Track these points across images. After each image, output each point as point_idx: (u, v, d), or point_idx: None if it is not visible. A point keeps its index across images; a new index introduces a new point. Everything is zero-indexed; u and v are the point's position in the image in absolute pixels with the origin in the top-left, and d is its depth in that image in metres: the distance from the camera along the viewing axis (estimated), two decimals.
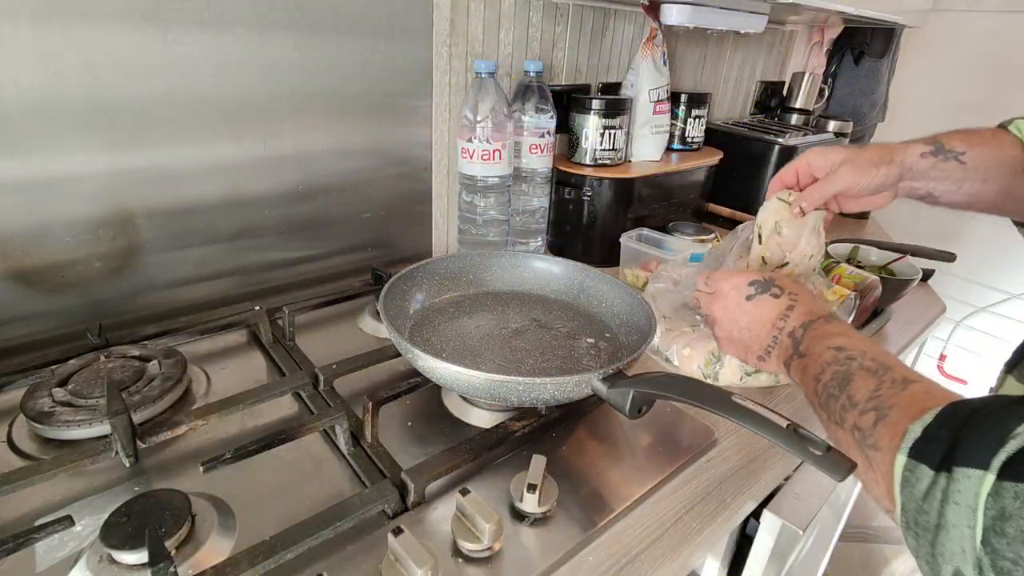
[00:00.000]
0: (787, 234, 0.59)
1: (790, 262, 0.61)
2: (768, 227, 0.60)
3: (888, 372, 0.40)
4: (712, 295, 0.57)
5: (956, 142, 0.51)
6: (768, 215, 0.60)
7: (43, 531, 0.40)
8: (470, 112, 0.82)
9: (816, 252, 0.61)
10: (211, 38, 0.66)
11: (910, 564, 1.66)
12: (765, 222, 0.60)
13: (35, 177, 0.60)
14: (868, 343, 0.45)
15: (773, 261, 0.61)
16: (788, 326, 0.49)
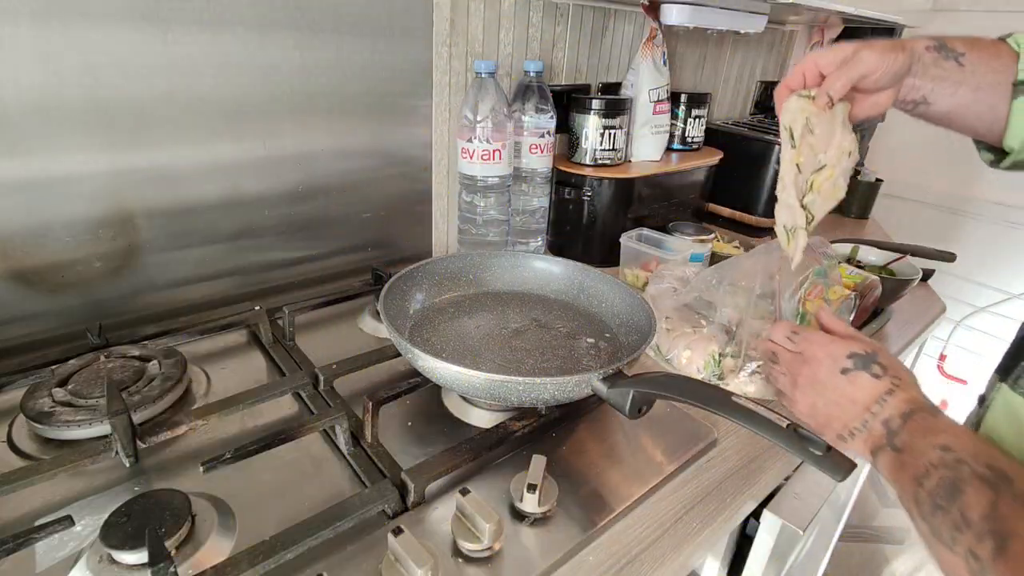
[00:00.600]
0: (819, 132, 0.54)
1: (826, 163, 0.55)
2: (799, 126, 0.54)
3: (1008, 485, 0.34)
4: (799, 356, 0.51)
5: (958, 43, 0.51)
6: (795, 114, 0.54)
7: (43, 531, 0.40)
8: (470, 112, 0.82)
9: (853, 148, 0.55)
10: (211, 38, 0.66)
11: (910, 564, 1.66)
12: (793, 121, 0.54)
13: (35, 177, 0.60)
14: (979, 442, 0.39)
15: (808, 167, 0.55)
16: (884, 412, 0.44)
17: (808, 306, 0.72)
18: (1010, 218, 1.90)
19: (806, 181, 0.55)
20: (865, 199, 1.41)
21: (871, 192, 1.40)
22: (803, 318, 0.72)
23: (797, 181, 0.54)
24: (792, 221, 0.56)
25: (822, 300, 0.72)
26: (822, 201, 0.56)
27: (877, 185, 1.40)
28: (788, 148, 0.55)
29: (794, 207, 0.55)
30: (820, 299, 0.72)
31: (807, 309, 0.72)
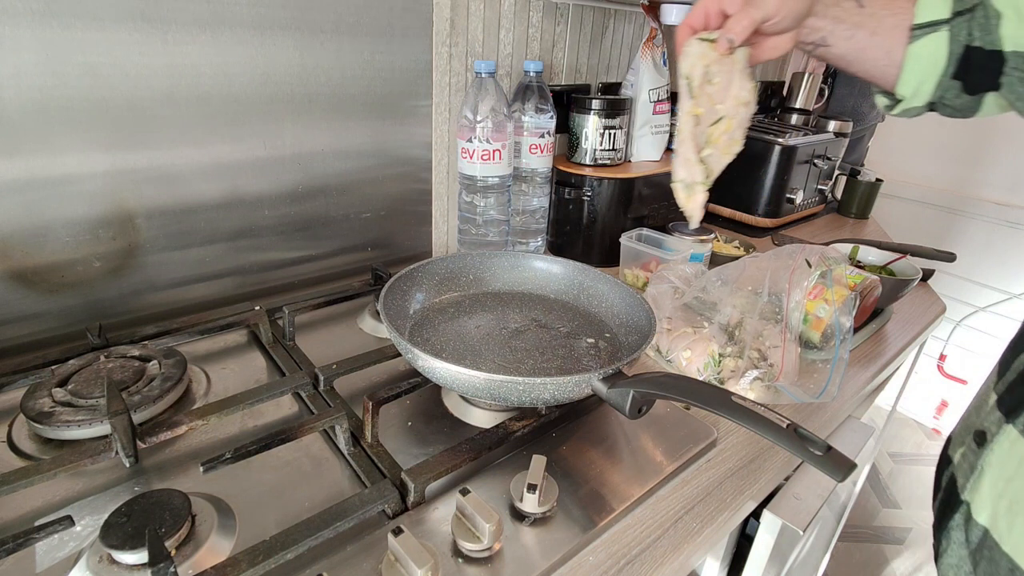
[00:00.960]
0: (719, 80, 0.52)
1: (724, 115, 0.53)
2: (698, 75, 0.51)
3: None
4: None
5: None
6: (694, 61, 0.51)
7: (43, 531, 0.40)
8: (470, 112, 0.82)
9: (751, 97, 0.54)
10: (211, 38, 0.66)
11: (910, 564, 1.66)
12: (692, 70, 0.51)
13: (35, 177, 0.60)
14: None
15: (707, 118, 0.53)
16: None
17: (809, 306, 0.73)
18: (1010, 218, 1.90)
19: (704, 134, 0.53)
20: (865, 199, 1.41)
21: (871, 192, 1.40)
22: (805, 319, 0.72)
23: (695, 134, 0.52)
24: (690, 176, 0.54)
25: (823, 300, 0.72)
26: (720, 155, 0.54)
27: (877, 185, 1.40)
28: (687, 98, 0.52)
29: (692, 161, 0.53)
30: (820, 299, 0.72)
31: (808, 309, 0.73)
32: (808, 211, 1.36)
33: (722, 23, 0.51)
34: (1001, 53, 0.44)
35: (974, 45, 0.45)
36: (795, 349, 0.68)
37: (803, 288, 0.71)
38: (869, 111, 1.65)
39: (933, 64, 0.48)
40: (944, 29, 0.46)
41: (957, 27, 0.46)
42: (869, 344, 0.84)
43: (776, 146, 1.20)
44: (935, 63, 0.47)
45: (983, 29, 0.45)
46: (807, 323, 0.73)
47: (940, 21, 0.46)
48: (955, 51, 0.46)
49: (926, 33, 0.47)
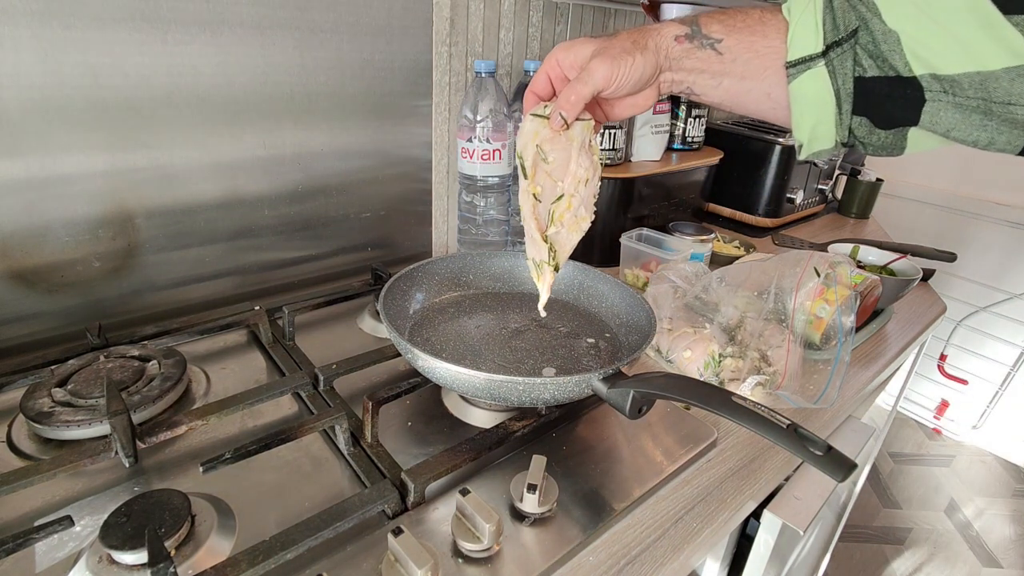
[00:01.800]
0: (554, 158, 0.48)
1: (564, 192, 0.49)
2: (530, 154, 0.48)
3: None
4: None
5: (716, 25, 0.43)
6: (527, 139, 0.48)
7: (43, 531, 0.40)
8: (470, 112, 0.82)
9: (592, 174, 0.50)
10: (211, 38, 0.65)
11: (910, 564, 1.66)
12: (525, 148, 0.48)
13: (35, 177, 0.60)
14: None
15: (547, 196, 0.49)
16: None
17: (810, 306, 0.72)
18: (1011, 218, 1.90)
19: (547, 211, 0.50)
20: (865, 199, 1.41)
21: (871, 192, 1.40)
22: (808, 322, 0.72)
23: (536, 212, 0.49)
24: (537, 255, 0.51)
25: (823, 300, 0.72)
26: (567, 232, 0.50)
27: (877, 185, 1.40)
28: (522, 177, 0.49)
29: (536, 240, 0.50)
30: (821, 299, 0.72)
31: (809, 310, 0.72)
32: (808, 211, 1.36)
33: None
34: (914, 79, 0.37)
35: (867, 76, 0.39)
36: (799, 356, 0.68)
37: (809, 293, 0.71)
38: None
39: (821, 104, 0.41)
40: (819, 64, 0.40)
41: (836, 60, 0.39)
42: (869, 344, 0.84)
43: (776, 146, 1.20)
44: (823, 103, 0.40)
45: (874, 56, 0.38)
46: (808, 323, 0.73)
47: (812, 56, 0.40)
48: (842, 86, 0.40)
49: (801, 71, 0.40)
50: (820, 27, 0.39)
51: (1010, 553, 1.71)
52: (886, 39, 0.37)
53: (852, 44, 0.39)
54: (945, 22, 0.35)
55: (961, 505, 1.89)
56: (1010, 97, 0.35)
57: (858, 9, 0.38)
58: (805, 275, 0.73)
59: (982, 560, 1.68)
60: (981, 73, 0.35)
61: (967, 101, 0.36)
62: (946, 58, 0.36)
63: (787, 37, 0.41)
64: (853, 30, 0.38)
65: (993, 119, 0.36)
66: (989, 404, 2.08)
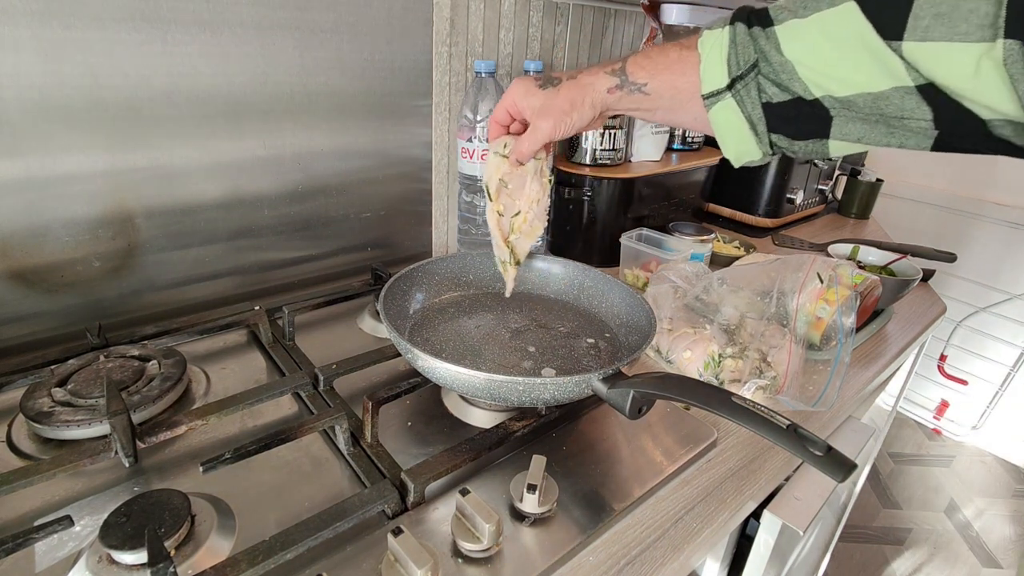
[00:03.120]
0: (513, 185, 0.61)
1: (520, 210, 0.63)
2: (493, 185, 0.61)
3: None
4: None
5: (640, 72, 0.48)
6: (491, 172, 0.60)
7: (42, 531, 0.40)
8: (470, 112, 0.82)
9: (542, 196, 0.63)
10: (211, 38, 0.65)
11: (910, 564, 1.66)
12: (490, 179, 0.61)
13: (35, 177, 0.60)
14: None
15: (508, 211, 0.63)
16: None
17: (810, 307, 0.72)
18: (1011, 218, 1.90)
19: (508, 223, 0.63)
20: (865, 199, 1.41)
21: (871, 192, 1.40)
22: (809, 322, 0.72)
23: (500, 224, 0.63)
24: (502, 256, 0.65)
25: (823, 300, 0.72)
26: (524, 239, 0.65)
27: (877, 185, 1.40)
28: (488, 199, 0.62)
29: (500, 245, 0.64)
30: (821, 299, 0.72)
31: (809, 311, 0.72)
32: (808, 211, 1.36)
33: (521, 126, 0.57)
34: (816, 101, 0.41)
35: (774, 102, 0.43)
36: (800, 361, 0.68)
37: (810, 296, 0.72)
38: None
39: (737, 127, 0.45)
40: (728, 97, 0.44)
41: (742, 91, 0.44)
42: (870, 344, 0.84)
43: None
44: (738, 126, 0.45)
45: (776, 83, 0.42)
46: (808, 324, 0.73)
47: (720, 90, 0.44)
48: (752, 112, 0.44)
49: (714, 102, 0.45)
50: (725, 63, 0.44)
51: (1010, 553, 1.71)
52: (784, 68, 0.42)
53: (755, 75, 0.43)
54: (838, 48, 0.38)
55: (961, 505, 1.89)
56: (902, 112, 0.38)
57: (758, 43, 0.42)
58: (807, 279, 0.73)
59: (982, 560, 1.68)
60: (872, 94, 0.38)
61: (867, 116, 0.40)
62: (839, 82, 0.40)
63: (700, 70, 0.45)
64: (752, 63, 0.43)
65: (896, 129, 0.39)
66: (989, 404, 2.08)
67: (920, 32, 0.34)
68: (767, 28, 0.42)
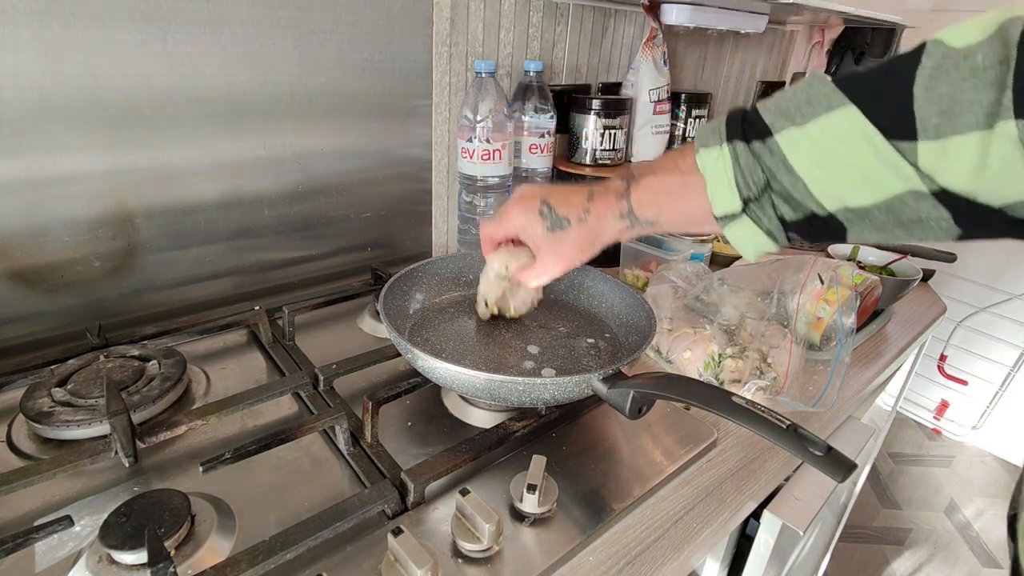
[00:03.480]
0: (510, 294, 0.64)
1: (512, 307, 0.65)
2: (493, 297, 0.63)
3: None
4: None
5: (648, 209, 0.48)
6: (492, 291, 0.62)
7: (42, 531, 0.40)
8: (470, 112, 0.82)
9: (536, 296, 0.66)
10: (211, 38, 0.65)
11: (910, 564, 1.66)
12: (488, 294, 0.63)
13: (35, 177, 0.60)
14: None
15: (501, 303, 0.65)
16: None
17: (811, 308, 0.72)
18: None
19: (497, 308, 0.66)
20: None
21: None
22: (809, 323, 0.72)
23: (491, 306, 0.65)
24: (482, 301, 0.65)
25: (823, 300, 0.72)
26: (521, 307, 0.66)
27: None
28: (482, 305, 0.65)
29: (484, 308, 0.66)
30: (821, 299, 0.72)
31: (809, 311, 0.72)
32: None
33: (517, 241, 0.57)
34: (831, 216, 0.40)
35: (788, 219, 0.41)
36: (800, 361, 0.68)
37: (811, 296, 0.72)
38: None
39: (755, 238, 0.44)
40: (743, 218, 0.43)
41: (756, 211, 0.42)
42: (870, 344, 0.84)
43: None
44: (757, 238, 0.43)
45: (789, 201, 0.41)
46: (808, 324, 0.73)
47: (734, 213, 0.43)
48: (770, 227, 0.42)
49: (728, 222, 0.44)
50: (733, 186, 0.42)
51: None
52: (795, 187, 0.40)
53: (768, 195, 0.41)
54: (844, 155, 0.37)
55: (961, 505, 1.89)
56: (919, 215, 0.36)
57: (763, 161, 0.41)
58: (808, 280, 0.73)
59: (982, 560, 1.68)
60: (887, 200, 0.37)
61: (883, 224, 0.38)
62: (854, 192, 0.38)
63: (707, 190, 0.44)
64: (764, 185, 0.41)
65: (914, 230, 0.38)
66: (989, 405, 2.08)
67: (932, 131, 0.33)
68: (767, 140, 0.40)
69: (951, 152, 0.33)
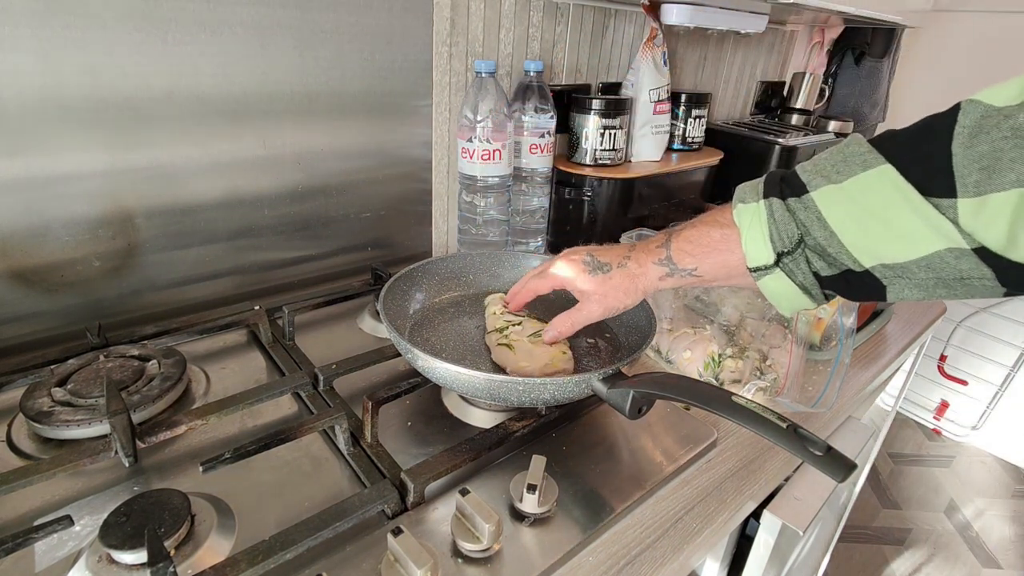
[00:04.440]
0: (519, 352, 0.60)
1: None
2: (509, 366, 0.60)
3: None
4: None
5: (687, 259, 0.48)
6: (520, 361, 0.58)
7: (42, 531, 0.40)
8: (470, 112, 0.82)
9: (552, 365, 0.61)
10: (211, 38, 0.65)
11: (909, 564, 1.66)
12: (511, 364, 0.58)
13: (35, 177, 0.60)
14: None
15: None
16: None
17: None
18: None
19: None
20: None
21: None
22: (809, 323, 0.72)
23: None
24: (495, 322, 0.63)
25: None
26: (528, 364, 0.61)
27: None
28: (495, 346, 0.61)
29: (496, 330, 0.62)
30: None
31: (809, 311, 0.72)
32: None
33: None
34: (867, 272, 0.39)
35: (823, 275, 0.42)
36: (801, 361, 0.68)
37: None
38: (870, 112, 1.65)
39: (788, 291, 0.44)
40: (776, 271, 0.43)
41: (789, 265, 0.42)
42: (870, 344, 0.84)
43: (776, 146, 1.20)
44: (790, 292, 0.44)
45: (824, 257, 0.41)
46: (808, 324, 0.73)
47: (767, 266, 0.43)
48: (804, 281, 0.42)
49: (762, 275, 0.44)
50: (767, 240, 0.42)
51: (1009, 554, 1.71)
52: (830, 243, 0.40)
53: (802, 249, 0.42)
54: (880, 211, 0.37)
55: (961, 506, 1.89)
56: (960, 273, 0.36)
57: (797, 216, 0.41)
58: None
59: (981, 561, 1.68)
60: (926, 257, 0.36)
61: (923, 282, 0.38)
62: (890, 248, 0.38)
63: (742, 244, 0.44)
64: (797, 240, 0.41)
65: (956, 288, 0.37)
66: (989, 405, 2.08)
67: (972, 188, 0.33)
68: (802, 196, 0.41)
69: (991, 208, 0.33)
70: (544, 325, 0.61)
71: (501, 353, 0.59)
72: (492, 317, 0.64)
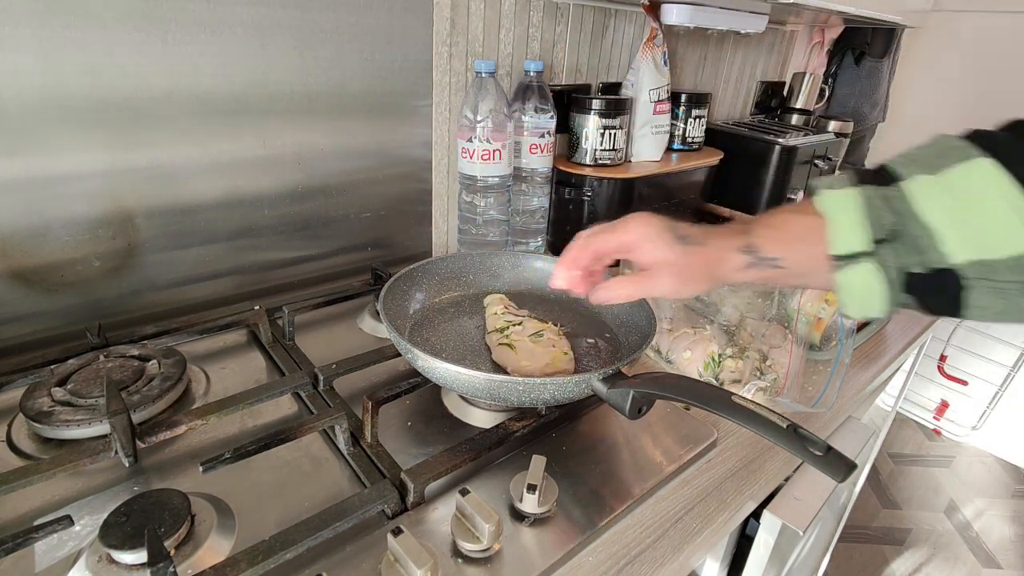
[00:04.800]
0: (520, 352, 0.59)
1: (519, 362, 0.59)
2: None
3: None
4: None
5: (771, 245, 0.45)
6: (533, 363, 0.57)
7: (42, 531, 0.40)
8: (470, 112, 0.82)
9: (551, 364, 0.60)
10: (211, 38, 0.65)
11: (909, 564, 1.66)
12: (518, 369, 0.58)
13: (35, 177, 0.60)
14: None
15: None
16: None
17: (811, 308, 0.72)
18: None
19: None
20: None
21: None
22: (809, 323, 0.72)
23: None
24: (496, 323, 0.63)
25: (823, 301, 0.72)
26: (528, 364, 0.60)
27: None
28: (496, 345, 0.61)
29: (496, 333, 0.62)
30: (821, 300, 0.72)
31: (810, 311, 0.72)
32: None
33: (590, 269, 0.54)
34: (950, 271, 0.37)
35: (913, 272, 0.39)
36: (801, 362, 0.68)
37: (811, 297, 0.71)
38: (870, 112, 1.65)
39: (870, 293, 0.41)
40: (867, 261, 0.40)
41: (884, 256, 0.40)
42: (869, 344, 0.84)
43: (776, 146, 1.20)
44: (873, 292, 0.41)
45: (915, 248, 0.38)
46: (808, 324, 0.73)
47: (860, 254, 0.40)
48: (893, 278, 0.40)
49: (848, 265, 0.41)
50: (863, 226, 0.40)
51: (1009, 554, 1.71)
52: (923, 233, 0.38)
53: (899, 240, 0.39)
54: (976, 204, 0.36)
55: (961, 506, 1.89)
56: None
57: (892, 203, 0.39)
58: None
59: (981, 561, 1.68)
60: (1016, 256, 0.35)
61: (1007, 285, 0.36)
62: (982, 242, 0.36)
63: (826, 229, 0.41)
64: (894, 228, 0.39)
65: None
66: (989, 405, 2.08)
67: None
68: (897, 184, 0.39)
69: None
70: (544, 325, 0.61)
71: (502, 353, 0.59)
72: (492, 317, 0.64)
